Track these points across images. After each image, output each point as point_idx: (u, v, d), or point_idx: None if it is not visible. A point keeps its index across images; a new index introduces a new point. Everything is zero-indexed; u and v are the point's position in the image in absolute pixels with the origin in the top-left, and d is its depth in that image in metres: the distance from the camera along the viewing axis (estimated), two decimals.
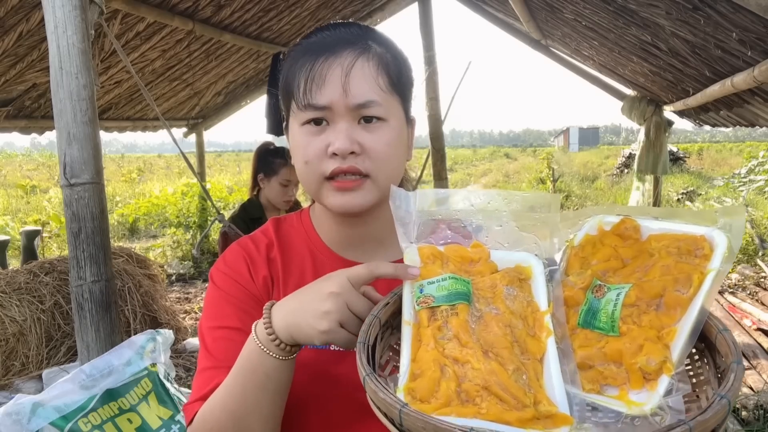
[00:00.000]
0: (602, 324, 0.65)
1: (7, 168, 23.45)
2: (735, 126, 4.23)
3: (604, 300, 0.67)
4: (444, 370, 0.62)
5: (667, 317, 0.63)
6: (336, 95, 0.81)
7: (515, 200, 0.77)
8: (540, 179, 15.60)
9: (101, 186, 2.02)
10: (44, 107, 4.72)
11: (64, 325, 3.81)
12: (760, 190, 11.03)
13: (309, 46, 0.84)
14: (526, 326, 0.68)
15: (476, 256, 0.75)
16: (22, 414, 1.71)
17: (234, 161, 31.92)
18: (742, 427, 2.88)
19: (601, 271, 0.71)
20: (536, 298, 0.71)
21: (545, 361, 0.65)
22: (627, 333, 0.63)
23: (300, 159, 0.85)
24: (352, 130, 0.82)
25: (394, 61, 0.86)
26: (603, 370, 0.63)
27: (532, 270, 0.74)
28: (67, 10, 1.91)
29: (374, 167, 0.83)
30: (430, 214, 0.77)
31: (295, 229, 0.99)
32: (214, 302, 0.92)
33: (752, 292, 5.28)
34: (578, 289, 0.70)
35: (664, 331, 0.62)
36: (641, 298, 0.65)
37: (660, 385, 0.59)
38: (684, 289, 0.64)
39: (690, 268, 0.65)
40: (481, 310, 0.69)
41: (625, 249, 0.72)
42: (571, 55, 5.75)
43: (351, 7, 5.64)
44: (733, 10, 2.22)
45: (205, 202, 8.36)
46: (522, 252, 0.76)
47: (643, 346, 0.61)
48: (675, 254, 0.67)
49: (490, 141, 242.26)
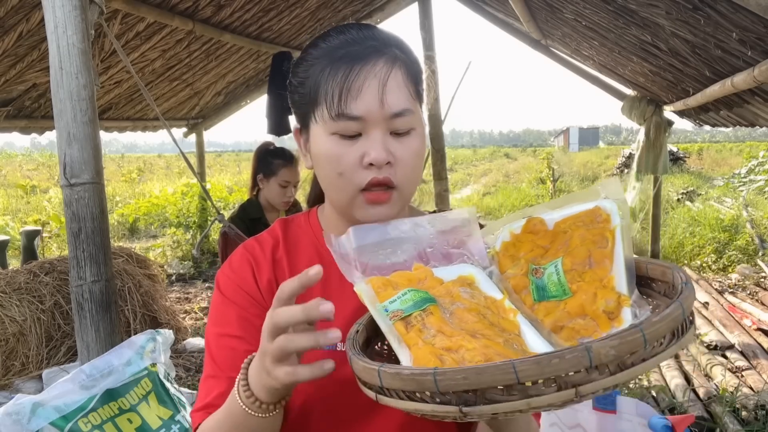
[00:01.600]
0: (555, 292, 0.73)
1: (7, 168, 23.45)
2: (735, 126, 4.23)
3: (546, 274, 0.75)
4: (442, 359, 0.63)
5: (601, 269, 0.72)
6: (373, 106, 0.80)
7: (438, 221, 0.86)
8: (540, 179, 15.60)
9: (101, 186, 2.02)
10: (44, 107, 4.72)
11: (64, 325, 3.81)
12: (760, 190, 11.04)
13: (335, 52, 0.82)
14: (492, 313, 0.73)
15: (422, 275, 0.79)
16: (22, 414, 1.71)
17: (234, 161, 31.91)
18: (742, 427, 2.88)
19: (531, 259, 0.79)
20: (488, 293, 0.77)
21: (522, 335, 0.70)
22: (578, 290, 0.71)
23: (332, 170, 0.84)
24: (387, 140, 0.82)
25: (415, 68, 0.87)
26: (573, 325, 0.69)
27: (474, 276, 0.80)
28: (67, 10, 1.91)
29: (403, 178, 0.84)
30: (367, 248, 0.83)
31: (303, 229, 0.98)
32: (219, 308, 0.92)
33: (752, 292, 5.28)
34: (521, 276, 0.78)
35: (604, 280, 0.70)
36: (575, 263, 0.74)
37: (624, 317, 0.66)
38: (603, 244, 0.74)
39: (600, 229, 0.76)
40: (448, 308, 0.72)
41: (541, 239, 0.81)
42: (571, 55, 5.75)
43: (351, 7, 5.64)
44: (733, 10, 2.23)
45: (205, 202, 8.36)
46: (459, 264, 0.83)
47: (596, 294, 0.69)
48: (582, 226, 0.78)
49: (490, 141, 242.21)
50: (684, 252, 7.08)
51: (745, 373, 3.50)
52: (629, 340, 0.55)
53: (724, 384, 3.30)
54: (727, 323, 4.25)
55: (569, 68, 5.84)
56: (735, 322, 4.30)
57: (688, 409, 3.03)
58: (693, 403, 3.11)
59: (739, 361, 3.66)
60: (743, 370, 3.56)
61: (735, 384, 3.31)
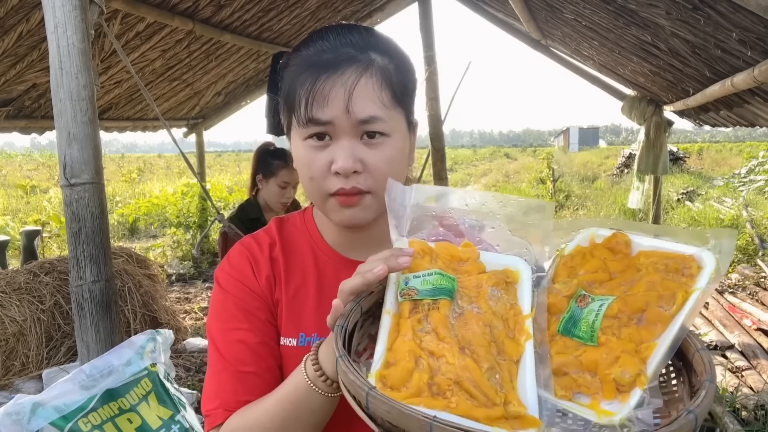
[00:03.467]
0: (582, 333, 0.65)
1: (7, 168, 23.45)
2: (735, 126, 4.23)
3: (586, 310, 0.67)
4: (418, 361, 0.62)
5: (648, 332, 0.63)
6: (339, 113, 0.80)
7: (510, 204, 0.77)
8: (540, 179, 15.60)
9: (101, 186, 2.02)
10: (44, 107, 4.71)
11: (64, 325, 3.81)
12: (760, 190, 11.03)
13: (309, 60, 0.83)
14: (506, 328, 0.68)
15: (465, 256, 0.75)
16: (22, 414, 1.71)
17: (234, 161, 31.91)
18: (742, 427, 2.88)
19: (588, 281, 0.71)
20: (520, 302, 0.71)
21: (521, 364, 0.65)
22: (605, 344, 0.63)
23: (305, 174, 0.86)
24: (355, 147, 0.82)
25: (397, 72, 0.85)
26: (577, 378, 0.63)
27: (519, 274, 0.74)
28: (67, 10, 1.90)
29: (375, 185, 0.83)
30: (424, 209, 0.78)
31: (298, 228, 0.99)
32: (221, 304, 0.92)
33: (752, 292, 5.28)
34: (562, 297, 0.70)
35: (642, 345, 0.62)
36: (623, 311, 0.65)
37: (632, 398, 0.59)
38: (667, 306, 0.64)
39: (675, 285, 0.65)
40: (462, 307, 0.69)
41: (614, 262, 0.72)
42: (571, 55, 5.75)
43: (351, 7, 5.64)
44: (733, 10, 2.22)
45: (205, 202, 8.36)
46: (511, 256, 0.76)
47: (619, 358, 0.61)
48: (662, 271, 0.67)
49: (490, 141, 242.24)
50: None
51: (745, 373, 3.50)
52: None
53: (724, 384, 3.30)
54: (727, 323, 4.25)
55: (569, 68, 5.84)
56: (735, 322, 4.30)
57: None
58: None
59: (739, 361, 3.66)
60: (743, 370, 3.55)
61: (735, 384, 3.31)
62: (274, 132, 1.00)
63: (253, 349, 0.88)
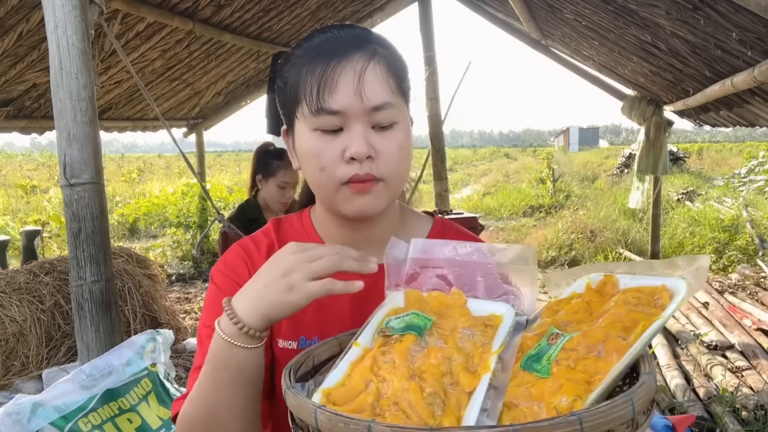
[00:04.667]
0: (540, 367, 0.66)
1: (7, 168, 23.46)
2: (735, 126, 4.23)
3: (553, 346, 0.68)
4: (368, 385, 0.65)
5: (604, 364, 0.63)
6: (350, 99, 0.79)
7: (498, 252, 0.82)
8: (540, 179, 15.59)
9: (101, 186, 2.02)
10: (44, 107, 4.71)
11: (64, 325, 3.81)
12: (760, 190, 11.03)
13: (314, 50, 0.83)
14: (468, 362, 0.70)
15: (453, 302, 0.78)
16: (22, 414, 1.71)
17: (234, 161, 31.91)
18: (742, 427, 2.88)
19: (564, 321, 0.72)
20: (494, 342, 0.73)
21: (474, 395, 0.66)
22: (556, 374, 0.64)
23: (314, 165, 0.84)
24: (368, 134, 0.82)
25: (399, 64, 0.86)
26: (525, 409, 0.63)
27: (502, 318, 0.76)
28: (67, 10, 1.90)
29: (388, 171, 0.83)
30: (419, 261, 0.82)
31: (296, 230, 0.99)
32: (213, 302, 0.93)
33: (752, 292, 5.28)
34: (533, 335, 0.72)
35: (596, 377, 0.62)
36: (582, 343, 0.66)
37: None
38: (627, 336, 0.64)
39: (642, 316, 0.66)
40: (428, 342, 0.71)
41: (598, 304, 0.73)
42: (571, 55, 5.75)
43: (351, 7, 5.64)
44: (733, 10, 2.23)
45: (205, 202, 8.36)
46: (498, 302, 0.79)
47: (562, 386, 0.61)
48: (633, 304, 0.68)
49: (490, 141, 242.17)
50: (684, 252, 7.08)
51: (745, 373, 3.50)
52: None
53: (724, 384, 3.30)
54: (727, 323, 4.25)
55: (569, 68, 5.84)
56: (735, 322, 4.30)
57: (688, 409, 3.03)
58: (693, 403, 3.11)
59: (739, 361, 3.66)
60: (743, 370, 3.55)
61: (735, 384, 3.31)
62: (274, 132, 1.00)
63: None
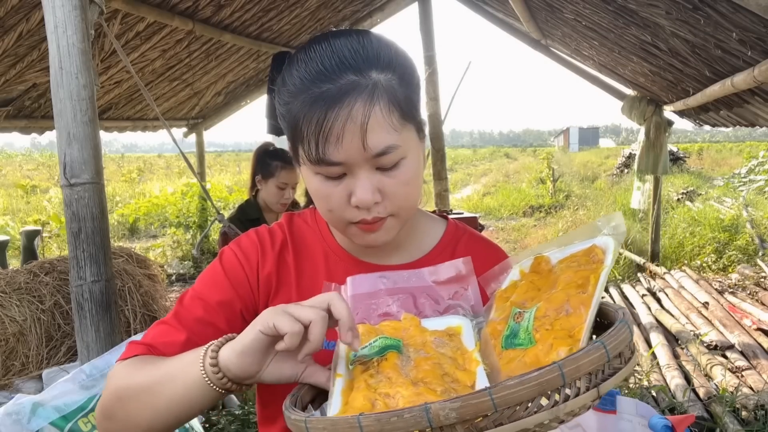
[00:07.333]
0: (521, 340, 0.69)
1: (7, 168, 23.46)
2: (735, 126, 4.23)
3: (521, 322, 0.71)
4: (375, 403, 0.65)
5: (576, 318, 0.67)
6: (352, 151, 0.77)
7: (436, 272, 0.87)
8: (540, 179, 15.60)
9: (101, 186, 2.02)
10: (44, 107, 4.71)
11: (64, 325, 3.81)
12: (760, 190, 11.04)
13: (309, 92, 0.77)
14: (455, 364, 0.72)
15: (408, 325, 0.79)
16: (22, 414, 1.71)
17: (234, 161, 31.90)
18: (742, 427, 2.88)
19: (520, 301, 0.76)
20: (465, 344, 0.76)
21: (475, 386, 0.67)
22: (540, 339, 0.67)
23: (322, 206, 0.84)
24: (372, 177, 0.80)
25: (401, 85, 0.80)
26: None
27: (461, 328, 0.79)
28: (67, 10, 1.90)
29: (397, 208, 0.83)
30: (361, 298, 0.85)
31: (310, 227, 0.99)
32: (212, 275, 0.93)
33: (752, 292, 5.28)
34: (500, 320, 0.75)
35: (575, 329, 0.65)
36: (549, 308, 0.70)
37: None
38: (586, 289, 0.70)
39: (588, 272, 0.72)
40: (410, 355, 0.73)
41: (541, 280, 0.78)
42: (571, 55, 5.75)
43: (351, 7, 5.64)
44: (733, 10, 2.23)
45: (205, 202, 8.36)
46: (450, 316, 0.82)
47: (552, 344, 0.65)
48: (575, 267, 0.74)
49: (490, 141, 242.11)
50: (684, 252, 7.07)
51: (745, 373, 3.50)
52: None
53: (724, 384, 3.30)
54: (727, 323, 4.25)
55: (569, 68, 5.84)
56: (735, 322, 4.30)
57: (688, 409, 3.03)
58: (693, 403, 3.11)
59: (739, 361, 3.66)
60: (743, 370, 3.55)
61: (735, 384, 3.31)
62: (275, 132, 0.99)
63: (208, 312, 0.88)
